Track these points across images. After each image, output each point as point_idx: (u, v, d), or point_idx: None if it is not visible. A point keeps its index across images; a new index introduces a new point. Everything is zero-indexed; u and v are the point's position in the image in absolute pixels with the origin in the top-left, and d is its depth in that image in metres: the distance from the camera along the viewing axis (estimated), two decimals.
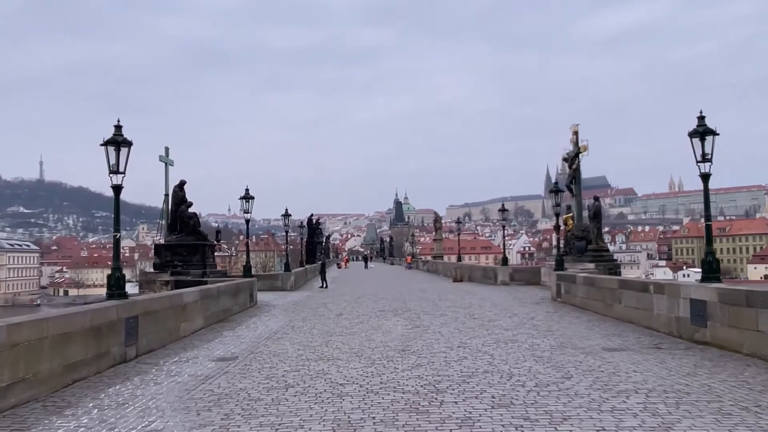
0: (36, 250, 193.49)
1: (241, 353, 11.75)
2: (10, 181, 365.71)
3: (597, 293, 17.08)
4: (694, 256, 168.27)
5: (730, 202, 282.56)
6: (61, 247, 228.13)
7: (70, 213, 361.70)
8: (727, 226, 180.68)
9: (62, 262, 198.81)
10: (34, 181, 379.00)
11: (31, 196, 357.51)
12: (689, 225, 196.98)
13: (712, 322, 11.18)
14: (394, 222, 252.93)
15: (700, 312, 11.54)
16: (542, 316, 16.83)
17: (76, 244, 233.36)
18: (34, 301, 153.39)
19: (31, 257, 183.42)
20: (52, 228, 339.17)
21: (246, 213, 22.97)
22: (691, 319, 11.83)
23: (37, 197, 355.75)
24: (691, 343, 11.69)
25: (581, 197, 26.70)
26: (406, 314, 17.76)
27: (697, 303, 11.69)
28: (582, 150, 25.96)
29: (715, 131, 13.35)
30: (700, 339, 11.48)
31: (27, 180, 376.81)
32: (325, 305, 21.61)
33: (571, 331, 13.63)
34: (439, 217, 64.39)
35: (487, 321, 15.82)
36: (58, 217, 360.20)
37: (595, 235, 24.97)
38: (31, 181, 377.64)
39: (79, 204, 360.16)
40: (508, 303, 20.87)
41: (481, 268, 37.66)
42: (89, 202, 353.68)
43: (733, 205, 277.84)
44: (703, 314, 11.40)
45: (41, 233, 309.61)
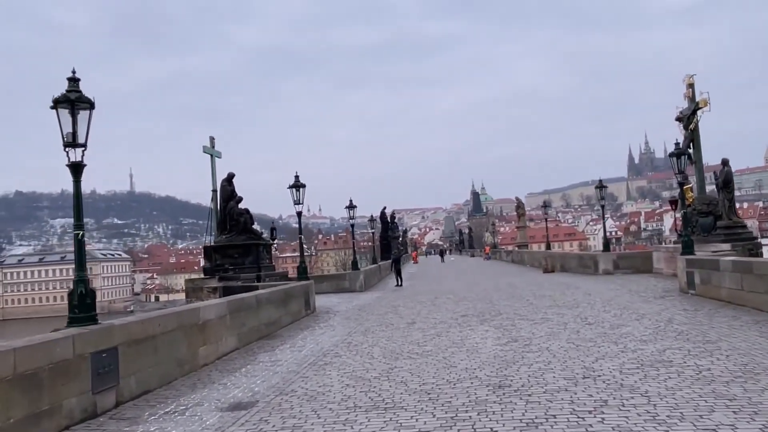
0: (127, 258, 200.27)
1: (265, 394, 8.23)
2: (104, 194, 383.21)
3: (758, 283, 12.55)
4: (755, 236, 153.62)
5: None
6: (152, 255, 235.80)
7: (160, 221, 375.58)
8: None
9: (152, 269, 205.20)
10: (126, 193, 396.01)
11: (123, 207, 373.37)
12: None
13: None
14: (472, 213, 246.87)
15: None
16: (682, 317, 12.49)
17: (166, 251, 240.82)
18: (128, 308, 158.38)
19: (123, 265, 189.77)
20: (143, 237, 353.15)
21: (297, 204, 19.66)
22: None
23: (129, 208, 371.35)
24: None
25: (702, 164, 21.80)
26: (496, 320, 13.82)
27: None
28: (702, 105, 21.13)
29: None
30: None
31: (119, 192, 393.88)
32: (395, 310, 17.93)
33: (746, 344, 9.34)
34: (521, 203, 59.32)
35: (609, 328, 11.67)
36: (149, 226, 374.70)
37: (726, 209, 20.11)
38: (122, 193, 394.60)
39: (167, 212, 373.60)
40: (625, 298, 16.52)
41: (577, 256, 32.98)
42: (176, 210, 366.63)
43: None
44: None
45: (134, 242, 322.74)
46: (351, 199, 29.77)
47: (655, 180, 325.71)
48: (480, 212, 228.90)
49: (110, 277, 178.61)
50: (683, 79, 22.37)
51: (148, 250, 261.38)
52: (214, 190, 23.97)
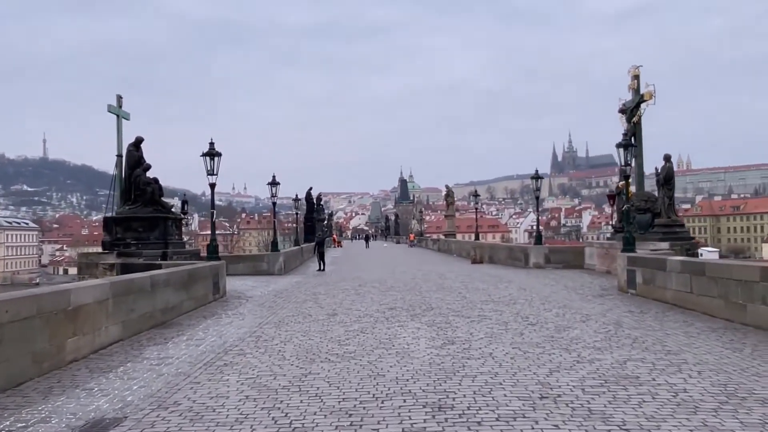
0: (35, 228, 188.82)
1: (138, 406, 6.36)
2: (14, 159, 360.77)
3: (711, 286, 11.58)
4: (706, 235, 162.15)
5: (739, 180, 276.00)
6: (63, 225, 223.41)
7: (74, 191, 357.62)
8: (741, 204, 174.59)
9: (63, 240, 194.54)
10: (38, 159, 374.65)
11: (35, 174, 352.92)
12: (702, 203, 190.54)
13: None
14: (399, 200, 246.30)
15: None
16: (630, 320, 11.37)
17: (78, 222, 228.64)
18: (33, 279, 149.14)
19: (30, 235, 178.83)
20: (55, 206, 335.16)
21: (210, 174, 17.48)
22: None
23: (41, 175, 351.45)
24: None
25: (642, 159, 21.08)
26: (428, 316, 12.33)
27: None
28: (647, 97, 20.34)
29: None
30: None
31: (31, 158, 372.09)
32: (315, 298, 16.20)
33: (713, 357, 8.19)
34: (451, 191, 58.49)
35: (555, 330, 10.36)
36: (62, 195, 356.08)
37: (666, 206, 19.44)
38: (35, 159, 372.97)
39: (83, 182, 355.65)
40: (563, 296, 15.42)
41: (507, 248, 32.15)
42: (93, 180, 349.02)
43: (742, 183, 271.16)
44: None
45: (45, 211, 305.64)
46: (274, 175, 27.68)
47: (575, 178, 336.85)
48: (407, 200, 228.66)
49: (14, 247, 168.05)
50: (628, 70, 21.55)
51: (59, 220, 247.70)
52: (118, 156, 21.34)
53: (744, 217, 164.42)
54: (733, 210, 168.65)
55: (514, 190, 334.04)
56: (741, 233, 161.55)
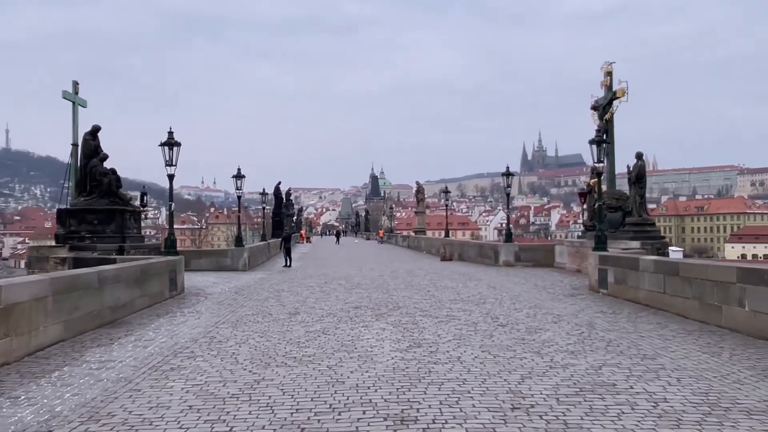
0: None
1: (67, 418, 5.69)
2: None
3: (685, 287, 11.25)
4: (671, 234, 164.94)
5: (703, 181, 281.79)
6: (26, 218, 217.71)
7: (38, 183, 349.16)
8: (705, 204, 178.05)
9: (25, 233, 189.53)
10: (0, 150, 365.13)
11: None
12: (667, 203, 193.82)
13: None
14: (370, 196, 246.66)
15: None
16: (603, 322, 10.98)
17: (41, 215, 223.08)
18: None
19: None
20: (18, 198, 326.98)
21: (169, 165, 16.63)
22: None
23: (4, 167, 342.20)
24: None
25: (614, 157, 20.83)
26: (394, 315, 11.78)
27: None
28: (619, 94, 20.08)
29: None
30: None
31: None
32: (278, 295, 15.55)
33: (691, 362, 7.79)
34: (422, 187, 58.09)
35: (526, 332, 9.90)
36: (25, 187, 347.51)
37: (637, 205, 19.21)
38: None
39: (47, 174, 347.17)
40: (533, 295, 15.02)
41: (477, 245, 31.79)
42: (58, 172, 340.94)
43: (706, 184, 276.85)
44: None
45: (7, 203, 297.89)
46: (239, 168, 26.82)
47: (545, 177, 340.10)
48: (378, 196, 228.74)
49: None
50: (601, 66, 21.31)
51: (21, 212, 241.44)
52: (74, 144, 20.44)
53: (707, 217, 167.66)
54: (697, 210, 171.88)
55: (485, 188, 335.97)
56: (704, 233, 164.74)
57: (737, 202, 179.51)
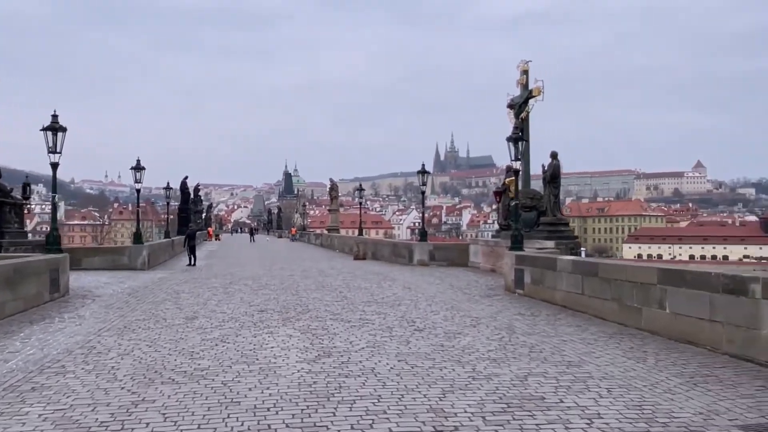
0: None
1: None
2: None
3: (604, 288, 10.97)
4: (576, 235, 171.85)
5: (603, 184, 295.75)
6: None
7: None
8: (605, 206, 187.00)
9: None
10: None
11: None
12: (571, 205, 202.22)
13: None
14: (283, 194, 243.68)
15: None
16: (522, 325, 10.50)
17: None
18: None
19: None
20: None
21: (53, 153, 14.86)
22: None
23: None
24: None
25: (529, 156, 20.75)
26: (303, 319, 10.85)
27: None
28: (535, 93, 20.00)
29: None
30: None
31: None
32: (176, 297, 14.25)
33: (618, 369, 7.34)
34: (335, 185, 57.10)
35: (445, 337, 9.24)
36: None
37: (551, 204, 19.15)
38: None
39: None
40: (449, 296, 14.48)
41: (391, 244, 31.22)
42: None
43: (606, 187, 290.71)
44: None
45: None
46: (138, 159, 24.94)
47: (456, 177, 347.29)
48: (291, 194, 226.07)
49: None
50: (518, 65, 21.21)
51: None
52: None
53: (607, 218, 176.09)
54: (598, 212, 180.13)
55: (398, 187, 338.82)
56: (605, 234, 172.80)
57: (634, 204, 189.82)
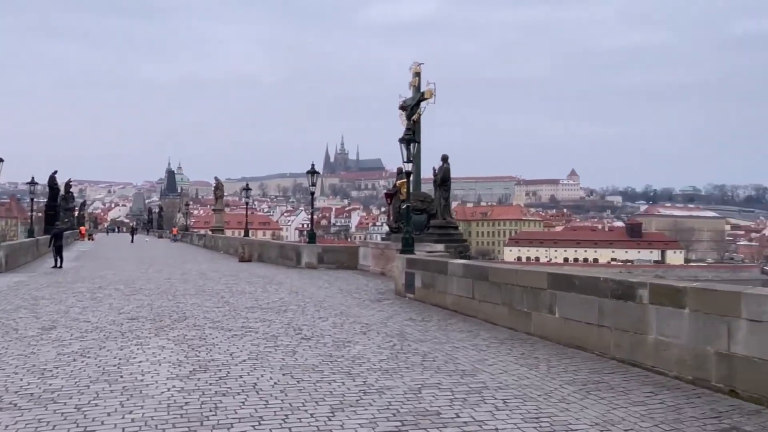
0: None
1: None
2: None
3: (494, 292, 10.87)
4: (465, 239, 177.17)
5: (487, 190, 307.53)
6: None
7: None
8: (488, 211, 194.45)
9: None
10: None
11: None
12: (457, 209, 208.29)
13: None
14: (166, 192, 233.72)
15: None
16: (414, 331, 10.17)
17: None
18: None
19: None
20: None
21: None
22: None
23: None
24: None
25: (420, 158, 20.67)
26: (179, 329, 9.91)
27: None
28: (427, 95, 19.94)
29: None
30: None
31: None
32: (34, 304, 12.75)
33: (512, 378, 7.12)
34: (220, 184, 54.89)
35: (334, 346, 8.70)
36: None
37: (442, 207, 19.16)
38: None
39: None
40: (338, 300, 13.97)
41: (278, 246, 30.27)
42: None
43: (489, 192, 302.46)
44: None
45: None
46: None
47: (346, 179, 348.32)
48: (174, 192, 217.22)
49: None
50: (410, 67, 21.08)
51: None
52: None
53: (490, 222, 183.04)
54: (482, 216, 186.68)
55: (287, 188, 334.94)
56: (487, 237, 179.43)
57: (515, 209, 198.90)
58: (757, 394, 6.13)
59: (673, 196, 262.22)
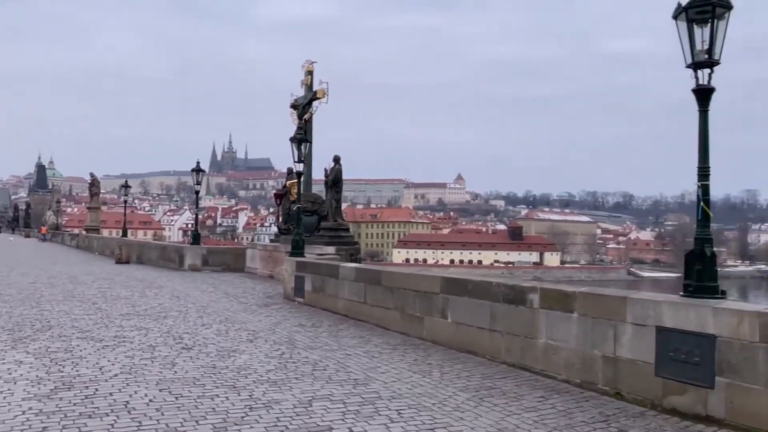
0: None
1: None
2: None
3: (387, 297, 10.68)
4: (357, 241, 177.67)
5: (376, 192, 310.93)
6: None
7: None
8: (378, 213, 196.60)
9: None
10: None
11: None
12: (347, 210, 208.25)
13: None
14: (35, 188, 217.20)
15: None
16: (303, 337, 9.78)
17: None
18: None
19: None
20: None
21: None
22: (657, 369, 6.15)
23: None
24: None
25: (312, 159, 20.24)
26: (42, 340, 8.92)
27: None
28: (320, 95, 19.57)
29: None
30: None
31: None
32: None
33: (406, 386, 6.92)
34: (96, 180, 51.43)
35: (218, 356, 8.14)
36: None
37: (333, 209, 18.83)
38: None
39: None
40: (224, 305, 13.28)
41: (159, 247, 28.66)
42: None
43: (379, 194, 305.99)
44: None
45: None
46: None
47: (234, 179, 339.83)
48: (45, 188, 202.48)
49: None
50: (303, 65, 20.61)
51: None
52: None
53: (379, 224, 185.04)
54: (371, 218, 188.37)
55: (171, 186, 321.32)
56: (377, 239, 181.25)
57: (404, 212, 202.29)
58: (640, 396, 6.30)
59: (551, 201, 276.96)
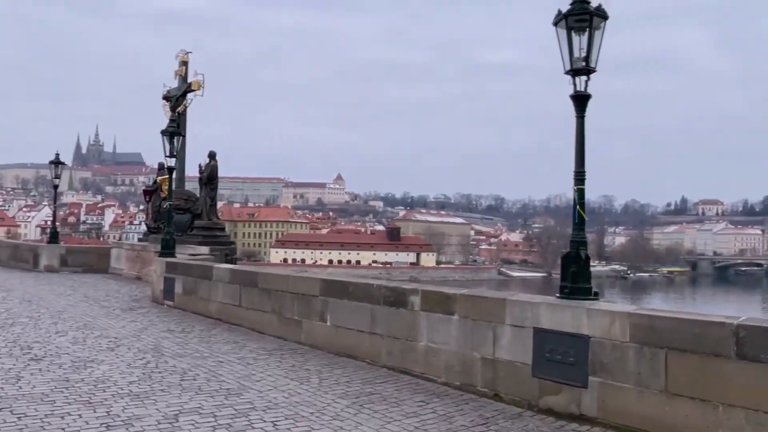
0: None
1: None
2: None
3: (264, 300, 10.22)
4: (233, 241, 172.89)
5: (254, 190, 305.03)
6: None
7: None
8: (255, 212, 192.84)
9: None
10: None
11: None
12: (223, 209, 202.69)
13: None
14: None
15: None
16: (172, 344, 9.11)
17: None
18: None
19: None
20: None
21: None
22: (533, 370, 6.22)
23: None
24: None
25: (185, 154, 19.19)
26: None
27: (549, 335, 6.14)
28: (194, 87, 18.64)
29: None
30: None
31: None
32: None
33: (282, 394, 6.56)
34: None
35: (72, 367, 7.34)
36: None
37: (208, 207, 17.97)
38: None
39: None
40: (84, 310, 12.18)
41: (12, 246, 26.05)
42: None
43: (257, 193, 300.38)
44: None
45: None
46: None
47: (100, 174, 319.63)
48: None
49: None
50: (177, 55, 19.50)
51: None
52: None
53: (257, 224, 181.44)
54: (249, 217, 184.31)
55: (27, 179, 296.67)
56: (254, 238, 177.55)
57: (282, 211, 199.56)
58: (518, 397, 6.35)
59: (428, 203, 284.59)
